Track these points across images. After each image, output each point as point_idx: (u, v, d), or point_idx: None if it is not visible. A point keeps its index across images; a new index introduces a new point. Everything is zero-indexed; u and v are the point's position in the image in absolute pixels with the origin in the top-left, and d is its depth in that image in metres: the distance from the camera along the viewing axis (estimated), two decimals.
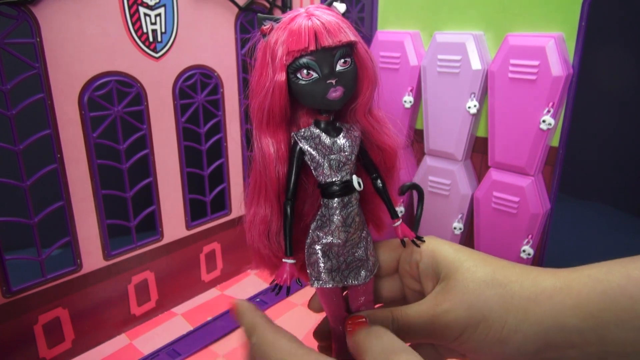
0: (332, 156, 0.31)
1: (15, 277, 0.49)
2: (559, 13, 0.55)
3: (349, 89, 0.30)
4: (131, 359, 0.55)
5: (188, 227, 0.66)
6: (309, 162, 0.31)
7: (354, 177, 0.31)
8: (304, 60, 0.28)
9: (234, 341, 0.58)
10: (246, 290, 0.69)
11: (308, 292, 0.36)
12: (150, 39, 0.56)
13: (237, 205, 0.72)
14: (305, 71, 0.28)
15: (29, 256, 0.50)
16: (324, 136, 0.31)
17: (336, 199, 0.31)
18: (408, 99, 0.67)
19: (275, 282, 0.30)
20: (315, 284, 0.32)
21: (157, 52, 0.57)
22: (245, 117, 0.70)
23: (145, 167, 0.59)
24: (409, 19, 0.69)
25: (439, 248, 0.32)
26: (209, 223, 0.68)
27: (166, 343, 0.57)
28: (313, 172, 0.31)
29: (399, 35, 0.68)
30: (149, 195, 0.61)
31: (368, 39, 0.72)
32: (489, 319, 0.29)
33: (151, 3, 0.55)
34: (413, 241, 0.33)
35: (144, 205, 0.61)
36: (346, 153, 0.31)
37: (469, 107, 0.61)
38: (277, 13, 0.70)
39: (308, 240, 0.33)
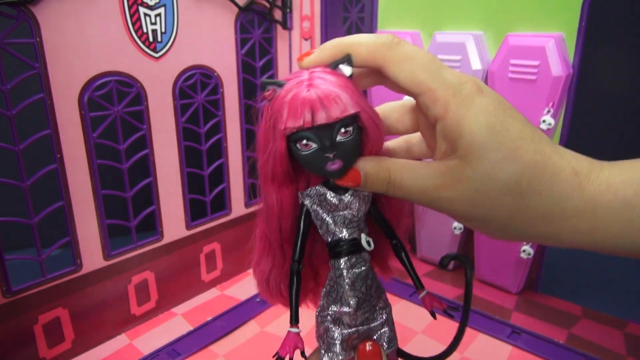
0: (338, 213, 0.30)
1: (15, 277, 0.49)
2: (559, 13, 0.55)
3: (348, 159, 0.28)
4: (131, 359, 0.55)
5: (188, 227, 0.66)
6: (314, 221, 0.30)
7: (363, 235, 0.30)
8: (302, 134, 0.27)
9: (234, 341, 0.58)
10: (246, 290, 0.69)
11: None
12: (150, 39, 0.56)
13: (237, 205, 0.72)
14: (304, 142, 0.28)
15: (29, 256, 0.50)
16: (330, 194, 0.30)
17: (342, 258, 0.29)
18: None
19: (278, 354, 0.29)
20: (326, 358, 0.30)
21: (157, 52, 0.57)
22: (246, 117, 0.70)
23: (145, 167, 0.59)
24: (409, 19, 0.69)
25: (468, 117, 0.26)
26: (209, 223, 0.68)
27: (166, 343, 0.57)
28: (319, 231, 0.30)
29: (399, 35, 0.68)
30: (149, 195, 0.61)
31: None
32: (492, 220, 0.27)
33: (151, 3, 0.55)
34: (445, 311, 0.31)
35: (144, 205, 0.61)
36: (353, 211, 0.30)
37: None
38: (277, 14, 0.70)
39: (318, 308, 0.31)
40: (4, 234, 0.48)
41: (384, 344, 0.30)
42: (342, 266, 0.29)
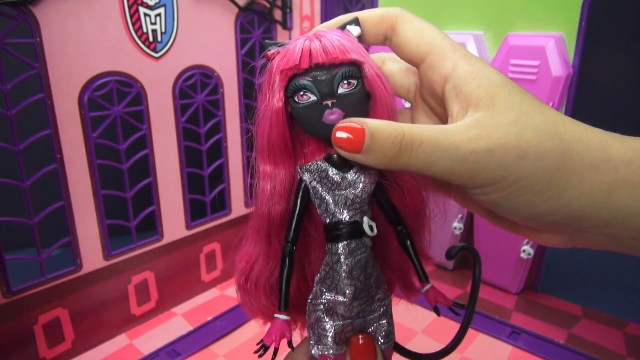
0: (339, 192, 0.27)
1: (15, 277, 0.49)
2: (559, 13, 0.55)
3: (350, 112, 0.25)
4: (131, 359, 0.55)
5: (188, 227, 0.66)
6: (313, 199, 0.27)
7: (365, 218, 0.27)
8: (300, 81, 0.25)
9: (234, 341, 0.58)
10: None
11: None
12: (150, 39, 0.56)
13: (237, 205, 0.72)
14: (302, 93, 0.25)
15: (29, 256, 0.50)
16: (332, 170, 0.27)
17: (341, 242, 0.26)
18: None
19: (263, 341, 0.26)
20: (315, 350, 0.27)
21: (157, 52, 0.57)
22: (246, 117, 0.70)
23: (145, 167, 0.59)
24: None
25: (484, 70, 0.24)
26: (209, 223, 0.68)
27: (166, 343, 0.57)
28: (317, 210, 0.27)
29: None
30: (149, 195, 0.61)
31: None
32: (537, 176, 0.23)
33: (151, 3, 0.55)
34: (451, 308, 0.29)
35: (144, 205, 0.61)
36: (357, 190, 0.27)
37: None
38: (277, 14, 0.70)
39: (311, 295, 0.28)
40: (4, 234, 0.48)
41: (380, 338, 0.28)
42: (339, 251, 0.26)
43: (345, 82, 0.25)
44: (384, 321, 0.28)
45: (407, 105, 0.30)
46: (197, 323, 0.61)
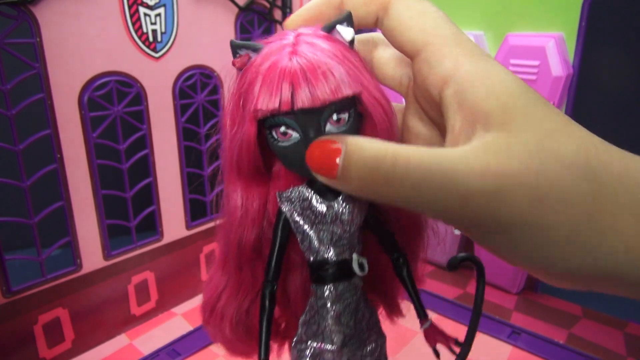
0: (323, 226, 0.23)
1: (15, 277, 0.49)
2: (559, 13, 0.55)
3: None
4: (131, 359, 0.55)
5: (188, 227, 0.66)
6: (295, 233, 0.24)
7: (355, 256, 0.23)
8: (279, 118, 0.21)
9: None
10: None
11: None
12: (150, 39, 0.56)
13: None
14: (282, 130, 0.21)
15: (29, 256, 0.50)
16: (316, 199, 0.23)
17: (327, 285, 0.23)
18: None
19: None
20: None
21: (157, 52, 0.57)
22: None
23: (145, 167, 0.59)
24: None
25: (496, 71, 0.19)
26: (209, 223, 0.68)
27: (166, 343, 0.57)
28: (300, 245, 0.24)
29: None
30: (149, 195, 0.61)
31: None
32: (558, 226, 0.17)
33: (151, 3, 0.55)
34: (452, 349, 0.25)
35: (144, 205, 0.61)
36: (344, 223, 0.23)
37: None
38: (277, 14, 0.70)
39: (295, 337, 0.25)
40: (4, 234, 0.48)
41: None
42: (325, 295, 0.23)
43: (334, 117, 0.21)
44: None
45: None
46: (197, 323, 0.61)
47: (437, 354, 0.26)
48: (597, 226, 0.17)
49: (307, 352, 0.24)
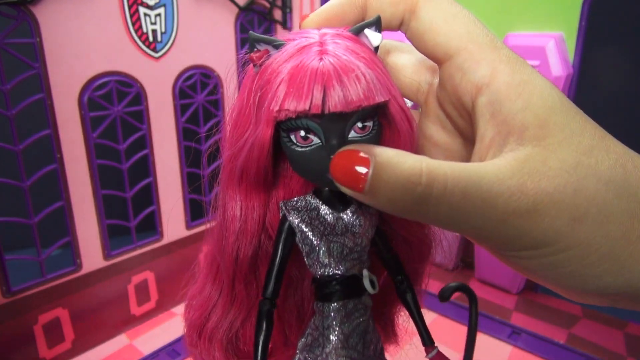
0: (334, 238, 0.21)
1: (15, 277, 0.49)
2: (559, 13, 0.55)
3: None
4: (131, 359, 0.55)
5: (188, 227, 0.66)
6: (300, 245, 0.22)
7: (366, 272, 0.21)
8: (304, 121, 0.19)
9: None
10: None
11: None
12: (150, 39, 0.56)
13: None
14: (302, 134, 0.19)
15: (29, 256, 0.50)
16: (324, 209, 0.21)
17: (335, 303, 0.21)
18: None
19: None
20: None
21: (157, 52, 0.57)
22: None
23: (145, 167, 0.59)
24: None
25: (535, 83, 0.18)
26: (209, 223, 0.68)
27: (166, 343, 0.57)
28: (305, 259, 0.22)
29: (399, 35, 0.68)
30: (149, 195, 0.61)
31: None
32: (594, 244, 0.17)
33: (151, 3, 0.55)
34: None
35: (144, 205, 0.61)
36: (355, 236, 0.21)
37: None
38: (277, 14, 0.70)
39: None
40: (4, 234, 0.48)
41: None
42: (332, 314, 0.21)
43: (359, 124, 0.19)
44: None
45: (409, 103, 0.24)
46: None
47: None
48: (633, 246, 0.17)
49: None
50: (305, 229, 0.21)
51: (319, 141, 0.19)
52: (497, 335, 0.57)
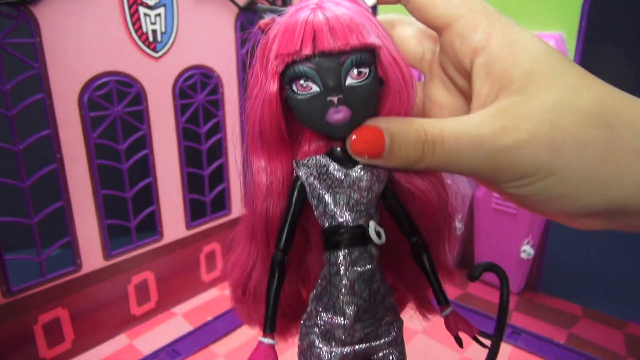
0: (340, 190, 0.22)
1: (15, 277, 0.49)
2: (559, 13, 0.55)
3: (359, 111, 0.22)
4: (131, 359, 0.55)
5: (188, 227, 0.66)
6: (310, 199, 0.23)
7: (372, 222, 0.22)
8: (299, 68, 0.21)
9: (234, 341, 0.58)
10: None
11: None
12: (150, 39, 0.56)
13: (237, 205, 0.72)
14: (302, 82, 0.21)
15: (29, 256, 0.50)
16: (334, 166, 0.23)
17: (341, 250, 0.22)
18: None
19: None
20: None
21: (157, 52, 0.57)
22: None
23: (145, 167, 0.59)
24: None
25: (523, 42, 0.21)
26: (209, 223, 0.68)
27: (166, 343, 0.57)
28: (315, 212, 0.23)
29: None
30: (149, 195, 0.61)
31: None
32: (574, 169, 0.20)
33: (151, 3, 0.55)
34: (475, 338, 0.24)
35: (144, 205, 0.61)
36: (361, 189, 0.22)
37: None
38: None
39: (304, 315, 0.24)
40: (4, 234, 0.48)
41: None
42: (339, 261, 0.22)
43: (355, 71, 0.21)
44: (394, 350, 0.23)
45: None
46: (197, 323, 0.61)
47: (459, 343, 0.25)
48: (610, 167, 0.20)
49: (316, 328, 0.23)
50: (314, 182, 0.23)
51: (318, 88, 0.21)
52: None
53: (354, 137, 0.22)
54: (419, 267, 0.25)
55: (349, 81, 0.21)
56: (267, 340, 0.22)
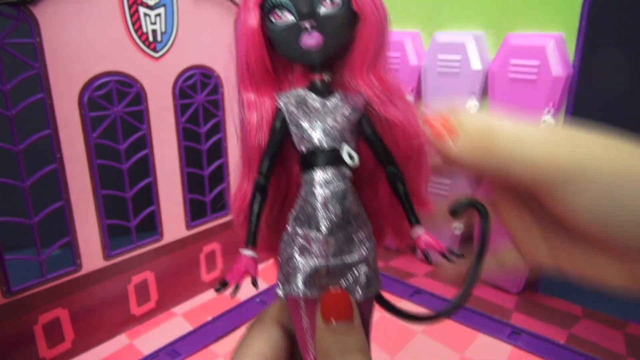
0: (317, 116, 0.25)
1: (15, 277, 0.49)
2: (559, 13, 0.55)
3: (331, 37, 0.23)
4: (131, 359, 0.55)
5: (188, 227, 0.66)
6: (290, 127, 0.25)
7: (345, 146, 0.24)
8: None
9: (234, 341, 0.58)
10: (246, 290, 0.69)
11: None
12: (150, 39, 0.56)
13: None
14: (278, 12, 0.23)
15: (29, 256, 0.50)
16: (312, 96, 0.25)
17: (317, 171, 0.24)
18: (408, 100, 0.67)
19: (225, 279, 0.24)
20: (280, 291, 0.25)
21: (157, 52, 0.57)
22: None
23: (145, 167, 0.59)
24: (409, 19, 0.69)
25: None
26: (209, 223, 0.68)
27: (166, 343, 0.57)
28: (294, 139, 0.25)
29: (399, 35, 0.68)
30: (149, 195, 0.61)
31: None
32: (627, 172, 0.22)
33: (151, 3, 0.55)
34: (445, 256, 0.26)
35: (144, 205, 0.61)
36: (337, 116, 0.24)
37: (469, 108, 0.61)
38: None
39: (284, 234, 0.26)
40: (4, 234, 0.48)
41: (359, 287, 0.25)
42: (314, 180, 0.24)
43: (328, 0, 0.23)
44: (364, 267, 0.25)
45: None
46: (197, 323, 0.61)
47: (428, 259, 0.26)
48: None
49: (294, 244, 0.25)
50: (292, 110, 0.25)
51: (293, 17, 0.23)
52: (497, 335, 0.57)
53: (430, 121, 0.25)
54: (394, 193, 0.26)
55: (323, 10, 0.23)
56: (249, 252, 0.25)
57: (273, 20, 0.24)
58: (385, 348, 0.54)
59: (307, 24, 0.23)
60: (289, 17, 0.23)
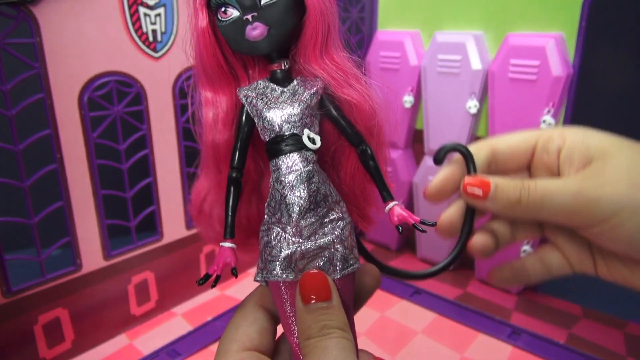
0: (277, 105, 0.25)
1: (15, 277, 0.49)
2: (559, 13, 0.55)
3: (274, 25, 0.24)
4: (131, 359, 0.55)
5: (188, 227, 0.66)
6: (254, 119, 0.26)
7: (306, 130, 0.25)
8: None
9: None
10: (246, 290, 0.69)
11: None
12: (150, 38, 0.56)
13: None
14: (223, 9, 0.24)
15: (29, 256, 0.50)
16: (272, 86, 0.26)
17: (280, 158, 0.25)
18: (408, 99, 0.67)
19: (207, 273, 0.26)
20: (258, 277, 0.26)
21: (157, 52, 0.57)
22: None
23: (145, 167, 0.59)
24: (409, 19, 0.69)
25: (589, 133, 0.29)
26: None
27: (166, 343, 0.57)
28: (258, 130, 0.26)
29: (399, 35, 0.68)
30: (149, 195, 0.61)
31: (368, 39, 0.72)
32: None
33: (151, 3, 0.55)
34: (415, 226, 0.26)
35: (144, 205, 0.61)
36: (295, 102, 0.25)
37: (469, 107, 0.61)
38: None
39: (262, 225, 0.26)
40: (4, 234, 0.48)
41: (336, 267, 0.25)
42: (279, 167, 0.25)
43: None
44: (340, 246, 0.25)
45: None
46: (197, 323, 0.61)
47: (399, 230, 0.26)
48: None
49: (270, 231, 0.25)
50: (254, 102, 0.25)
51: (237, 12, 0.24)
52: (497, 335, 0.57)
53: (467, 185, 0.30)
54: (367, 172, 0.27)
55: (264, 1, 0.24)
56: (227, 244, 0.26)
57: (220, 18, 0.24)
58: (385, 348, 0.54)
59: (249, 16, 0.24)
60: (234, 13, 0.24)
